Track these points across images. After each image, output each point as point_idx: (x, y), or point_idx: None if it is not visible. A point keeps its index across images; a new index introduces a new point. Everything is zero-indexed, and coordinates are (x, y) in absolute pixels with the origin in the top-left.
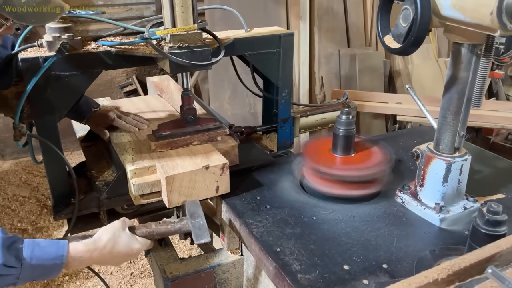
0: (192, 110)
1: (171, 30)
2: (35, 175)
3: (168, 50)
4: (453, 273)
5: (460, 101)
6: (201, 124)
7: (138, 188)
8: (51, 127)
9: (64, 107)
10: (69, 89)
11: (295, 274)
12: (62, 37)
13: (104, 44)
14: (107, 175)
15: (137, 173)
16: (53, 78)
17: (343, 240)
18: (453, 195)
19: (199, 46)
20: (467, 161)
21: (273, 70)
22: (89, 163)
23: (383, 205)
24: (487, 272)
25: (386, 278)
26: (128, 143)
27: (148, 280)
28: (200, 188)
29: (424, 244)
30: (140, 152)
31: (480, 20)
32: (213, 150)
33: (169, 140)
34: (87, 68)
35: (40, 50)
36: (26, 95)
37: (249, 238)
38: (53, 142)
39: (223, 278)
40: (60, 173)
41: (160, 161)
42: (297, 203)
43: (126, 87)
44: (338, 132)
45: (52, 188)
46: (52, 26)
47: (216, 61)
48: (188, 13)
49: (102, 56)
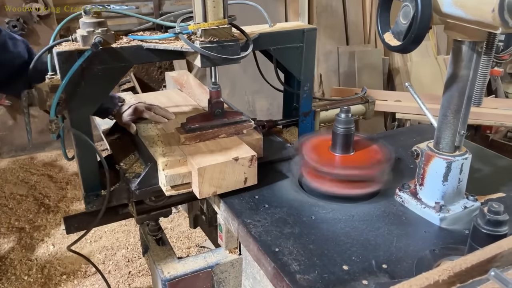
0: (220, 103)
1: (203, 24)
2: (32, 173)
3: (199, 44)
4: (454, 274)
5: (461, 99)
6: (228, 117)
7: (170, 179)
8: (84, 120)
9: (97, 100)
10: (102, 82)
11: (294, 275)
12: (96, 32)
13: (136, 39)
14: (136, 167)
15: (169, 164)
16: (87, 71)
17: (342, 239)
18: (453, 194)
19: (229, 41)
20: (467, 159)
21: (296, 64)
22: (116, 156)
23: (383, 204)
24: (489, 275)
25: (386, 278)
26: (156, 136)
27: (146, 279)
28: (229, 179)
29: (424, 244)
30: (169, 145)
31: (482, 17)
32: (241, 143)
33: (198, 133)
34: (119, 62)
35: (75, 44)
36: (62, 88)
37: (247, 237)
38: (86, 135)
39: (221, 278)
40: (92, 165)
41: (190, 153)
42: (296, 203)
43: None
44: (337, 130)
45: (84, 180)
46: (87, 21)
47: (245, 55)
48: (219, 8)
49: (134, 50)
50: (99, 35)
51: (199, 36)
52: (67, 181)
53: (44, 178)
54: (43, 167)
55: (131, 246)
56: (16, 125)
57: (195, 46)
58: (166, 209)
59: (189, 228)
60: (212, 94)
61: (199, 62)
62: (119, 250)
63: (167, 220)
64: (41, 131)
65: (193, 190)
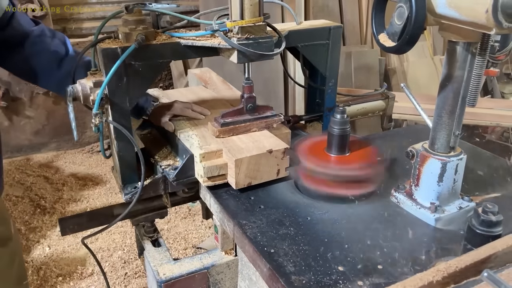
0: (252, 98)
1: (240, 22)
2: (28, 175)
3: (237, 41)
4: (448, 275)
5: (456, 100)
6: (259, 112)
7: (208, 170)
8: (125, 114)
9: (137, 95)
10: (142, 78)
11: (289, 276)
12: (138, 29)
13: (174, 36)
14: (170, 160)
15: (206, 156)
16: (128, 67)
17: (338, 240)
18: (449, 194)
19: (264, 37)
20: (462, 160)
21: (322, 61)
22: (149, 149)
23: (378, 205)
24: (482, 276)
25: (381, 279)
26: (190, 129)
27: (143, 280)
28: (263, 171)
29: (419, 244)
30: (204, 138)
31: (476, 18)
32: (272, 136)
33: (231, 126)
34: (159, 58)
35: (117, 42)
36: (106, 83)
37: (242, 239)
38: (126, 129)
39: (217, 279)
40: (130, 158)
41: (225, 145)
42: (292, 204)
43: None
44: (333, 131)
45: (122, 172)
46: (129, 18)
47: (279, 52)
48: (255, 6)
49: (172, 47)
50: (141, 33)
51: (236, 33)
52: (63, 182)
53: (40, 179)
54: (39, 168)
55: (127, 247)
56: (12, 126)
57: (232, 43)
58: (162, 210)
59: (185, 229)
60: (245, 89)
61: (235, 58)
62: (115, 252)
63: (164, 222)
64: (36, 132)
65: (229, 181)
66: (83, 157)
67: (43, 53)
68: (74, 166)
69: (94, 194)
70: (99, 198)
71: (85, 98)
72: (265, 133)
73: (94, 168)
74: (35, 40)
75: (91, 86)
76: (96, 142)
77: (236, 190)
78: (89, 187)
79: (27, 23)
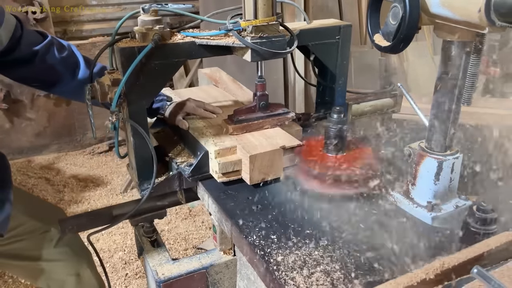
0: (265, 96)
1: (254, 21)
2: (29, 177)
3: (251, 40)
4: (441, 273)
5: (451, 99)
6: (271, 109)
7: (223, 166)
8: (141, 113)
9: (153, 94)
10: (158, 77)
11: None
12: (154, 29)
13: (189, 35)
14: (185, 157)
15: (220, 153)
16: (145, 66)
17: (335, 240)
18: (445, 193)
19: (277, 36)
20: (458, 159)
21: (332, 59)
22: (163, 147)
23: (375, 204)
24: (473, 272)
25: (377, 277)
26: (204, 127)
27: (143, 281)
28: (277, 166)
29: (416, 243)
30: (218, 135)
31: (469, 17)
32: (285, 133)
33: (245, 124)
34: (175, 57)
35: (134, 41)
36: (124, 81)
37: (240, 239)
38: (143, 126)
39: (216, 279)
40: (146, 155)
41: (239, 142)
42: (289, 203)
43: None
44: (330, 131)
45: (138, 169)
46: (145, 18)
47: (291, 50)
48: (269, 6)
49: (187, 47)
50: (157, 32)
51: (250, 32)
52: (64, 184)
53: (41, 181)
54: (40, 170)
55: (128, 248)
56: (12, 128)
57: (247, 42)
58: (161, 211)
59: (186, 230)
60: (258, 87)
61: (249, 57)
62: (116, 253)
63: (164, 222)
64: (38, 134)
65: (243, 177)
66: (84, 158)
67: (53, 66)
68: (75, 168)
69: (95, 196)
70: (100, 200)
71: (103, 96)
72: (278, 130)
73: (95, 169)
74: (44, 56)
75: (109, 84)
76: (97, 144)
77: (234, 190)
78: (90, 189)
79: (35, 39)
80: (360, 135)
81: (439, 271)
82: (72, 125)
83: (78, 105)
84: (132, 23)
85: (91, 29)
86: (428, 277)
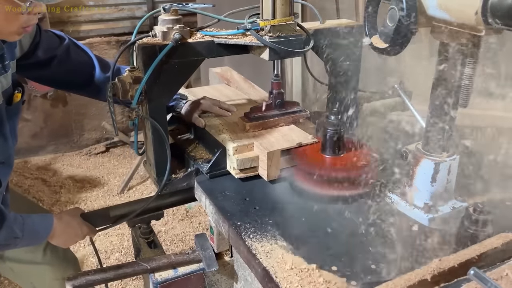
0: (281, 94)
1: (273, 21)
2: (26, 177)
3: (269, 39)
4: (439, 274)
5: (447, 100)
6: (286, 107)
7: (241, 163)
8: (161, 110)
9: (173, 92)
10: (178, 75)
11: None
12: (174, 28)
13: (208, 34)
14: (202, 154)
15: (238, 150)
16: (165, 65)
17: (332, 241)
18: (442, 194)
19: (294, 36)
20: (455, 160)
21: (345, 58)
22: (179, 144)
23: (372, 205)
24: (469, 274)
25: (374, 279)
26: (220, 125)
27: (140, 282)
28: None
29: (413, 244)
30: (235, 132)
31: (465, 20)
32: (300, 130)
33: (261, 121)
34: (194, 56)
35: (155, 40)
36: (146, 79)
37: (237, 240)
38: (162, 124)
39: (213, 280)
40: (164, 152)
41: (256, 139)
42: (286, 204)
43: None
44: (327, 132)
45: (157, 165)
46: (166, 18)
47: (308, 49)
48: (286, 6)
49: (206, 45)
50: (178, 31)
51: (268, 32)
52: (61, 185)
53: (38, 182)
54: (37, 171)
55: (124, 249)
56: None
57: (266, 41)
58: (158, 212)
59: (183, 231)
60: (274, 85)
61: (266, 56)
62: (112, 254)
63: (161, 224)
64: (34, 134)
65: (260, 173)
66: (80, 159)
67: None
68: (71, 169)
69: (91, 197)
70: (97, 201)
71: (124, 93)
72: (293, 128)
73: (92, 170)
74: (60, 59)
75: (130, 82)
76: (93, 144)
77: (231, 192)
78: (87, 190)
79: (53, 43)
80: (362, 135)
81: (436, 272)
82: (69, 126)
83: (75, 106)
84: (129, 24)
85: (88, 29)
86: (426, 279)
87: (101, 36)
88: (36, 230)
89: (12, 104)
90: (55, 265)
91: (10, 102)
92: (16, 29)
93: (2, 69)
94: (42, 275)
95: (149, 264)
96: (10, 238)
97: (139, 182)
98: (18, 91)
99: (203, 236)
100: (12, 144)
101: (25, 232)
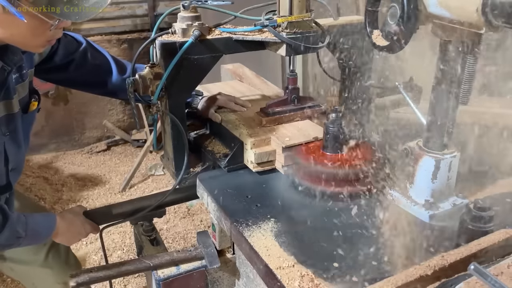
0: (296, 90)
1: (290, 17)
2: (28, 176)
3: (286, 35)
4: (439, 270)
5: (448, 98)
6: (302, 102)
7: (258, 157)
8: (180, 105)
9: (192, 87)
10: (197, 71)
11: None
12: (194, 25)
13: (226, 31)
14: (219, 148)
15: (256, 144)
16: (184, 61)
17: (333, 237)
18: (443, 191)
19: (310, 32)
20: (456, 157)
21: (358, 55)
22: (197, 139)
23: (374, 202)
24: (469, 269)
25: (375, 275)
26: (236, 120)
27: (142, 279)
28: None
29: (414, 241)
30: (251, 127)
31: (466, 17)
32: (314, 125)
33: (277, 116)
34: (212, 52)
35: (174, 36)
36: (167, 75)
37: (239, 237)
38: (181, 119)
39: (215, 277)
40: (183, 147)
41: (272, 134)
42: (288, 201)
43: None
44: (328, 130)
45: (176, 159)
46: (185, 15)
47: (324, 45)
48: (303, 2)
49: (224, 42)
50: (197, 28)
51: (285, 28)
52: (63, 183)
53: (40, 180)
54: (39, 169)
55: (126, 247)
56: None
57: (283, 37)
58: (160, 210)
59: (185, 229)
60: (290, 81)
61: (283, 51)
62: (114, 251)
63: (163, 221)
64: (36, 133)
65: (277, 167)
66: (82, 157)
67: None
68: (73, 167)
69: (93, 195)
70: (99, 199)
71: (145, 89)
72: (308, 122)
73: (94, 168)
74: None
75: (151, 78)
76: (94, 142)
77: (233, 189)
78: (89, 188)
79: (70, 47)
80: (365, 132)
81: (436, 268)
82: (71, 124)
83: (76, 104)
84: (130, 22)
85: (89, 28)
86: (426, 274)
87: (102, 34)
88: (39, 230)
89: (28, 112)
90: (57, 269)
91: (26, 110)
92: (41, 42)
93: (20, 78)
94: (44, 277)
95: (152, 261)
96: (13, 238)
97: (141, 180)
98: (35, 99)
99: (205, 233)
100: (24, 151)
101: (28, 231)
